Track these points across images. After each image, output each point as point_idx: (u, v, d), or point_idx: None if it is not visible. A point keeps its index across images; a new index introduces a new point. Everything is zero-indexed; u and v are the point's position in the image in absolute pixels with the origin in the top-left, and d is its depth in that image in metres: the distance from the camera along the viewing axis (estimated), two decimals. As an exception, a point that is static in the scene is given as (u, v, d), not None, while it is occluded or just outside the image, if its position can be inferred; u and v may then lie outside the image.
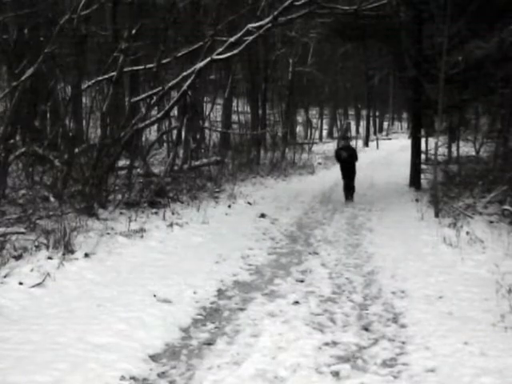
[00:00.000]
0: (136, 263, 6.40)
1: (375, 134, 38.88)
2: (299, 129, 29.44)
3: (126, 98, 14.04)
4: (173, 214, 9.14)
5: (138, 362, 3.92)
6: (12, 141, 8.98)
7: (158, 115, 11.16)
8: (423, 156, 14.86)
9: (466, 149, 15.69)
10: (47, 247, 6.21)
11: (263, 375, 3.81)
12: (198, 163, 13.19)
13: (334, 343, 4.39)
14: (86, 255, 6.22)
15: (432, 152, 11.57)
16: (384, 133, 43.20)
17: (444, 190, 11.09)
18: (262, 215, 10.04)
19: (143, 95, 10.97)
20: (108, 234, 7.33)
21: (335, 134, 33.23)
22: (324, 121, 34.94)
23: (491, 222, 8.71)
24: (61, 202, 7.95)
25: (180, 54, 11.97)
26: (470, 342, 4.25)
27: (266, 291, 5.75)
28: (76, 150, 9.28)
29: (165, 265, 6.49)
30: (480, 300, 5.26)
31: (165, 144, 16.87)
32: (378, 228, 9.22)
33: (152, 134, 17.17)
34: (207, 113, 17.56)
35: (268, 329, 4.62)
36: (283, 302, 5.33)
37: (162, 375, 3.82)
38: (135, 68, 12.87)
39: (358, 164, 12.94)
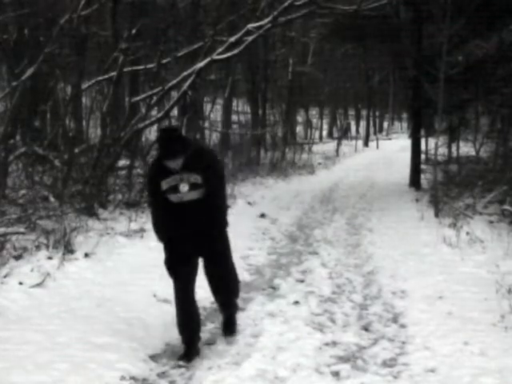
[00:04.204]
0: (136, 263, 6.39)
1: (375, 134, 38.87)
2: (299, 129, 29.40)
3: (126, 97, 14.03)
4: (173, 214, 9.13)
5: (138, 362, 3.92)
6: (12, 141, 8.99)
7: (158, 115, 11.14)
8: (423, 156, 14.86)
9: (465, 149, 15.68)
10: (47, 247, 6.20)
11: (263, 375, 3.81)
12: (198, 163, 13.15)
13: (334, 343, 4.40)
14: (86, 255, 6.22)
15: (432, 152, 11.56)
16: (384, 133, 43.18)
17: (444, 189, 11.09)
18: (262, 215, 10.04)
19: (143, 95, 10.96)
20: (108, 233, 7.33)
21: (335, 134, 33.20)
22: (324, 121, 34.91)
23: (491, 221, 8.70)
24: (61, 202, 7.94)
25: (180, 54, 11.97)
26: (470, 342, 4.25)
27: (265, 291, 5.76)
28: (76, 150, 9.27)
29: (165, 265, 6.48)
30: (480, 300, 5.25)
31: (165, 144, 16.83)
32: (378, 228, 9.21)
33: (152, 134, 17.14)
34: (207, 113, 17.55)
35: (268, 329, 4.62)
36: (283, 302, 5.33)
37: (161, 375, 3.82)
38: (135, 68, 12.86)
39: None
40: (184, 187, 3.86)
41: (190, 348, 4.04)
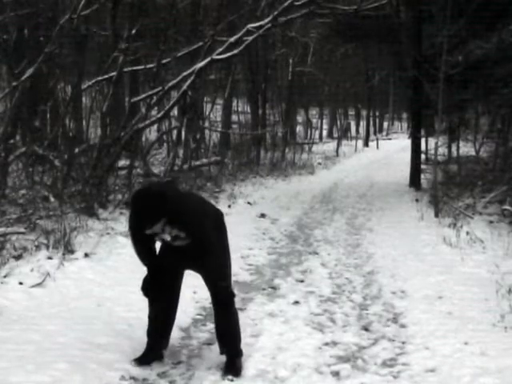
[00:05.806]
0: (136, 263, 6.35)
1: (375, 134, 38.87)
2: (299, 129, 29.40)
3: (126, 97, 14.04)
4: (173, 213, 9.12)
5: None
6: (12, 141, 8.98)
7: (158, 115, 11.14)
8: (423, 156, 14.86)
9: (465, 149, 15.69)
10: (47, 247, 6.20)
11: (263, 375, 3.81)
12: (198, 163, 13.17)
13: (334, 343, 4.40)
14: (86, 255, 6.21)
15: (432, 152, 11.57)
16: (384, 133, 43.18)
17: (444, 190, 11.09)
18: (262, 215, 10.04)
19: (143, 95, 10.96)
20: (108, 233, 7.32)
21: (335, 134, 33.20)
22: (324, 121, 34.91)
23: (491, 222, 8.72)
24: (61, 202, 7.94)
25: (180, 54, 11.98)
26: (470, 342, 4.25)
27: (265, 291, 5.75)
28: (76, 150, 9.27)
29: (165, 265, 6.48)
30: (480, 300, 5.26)
31: (165, 144, 16.87)
32: (378, 228, 9.21)
33: (152, 134, 17.15)
34: (207, 113, 17.55)
35: (268, 329, 4.62)
36: (283, 302, 5.33)
37: (162, 375, 3.82)
38: (135, 68, 12.87)
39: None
40: (167, 237, 3.69)
41: (148, 353, 3.95)
